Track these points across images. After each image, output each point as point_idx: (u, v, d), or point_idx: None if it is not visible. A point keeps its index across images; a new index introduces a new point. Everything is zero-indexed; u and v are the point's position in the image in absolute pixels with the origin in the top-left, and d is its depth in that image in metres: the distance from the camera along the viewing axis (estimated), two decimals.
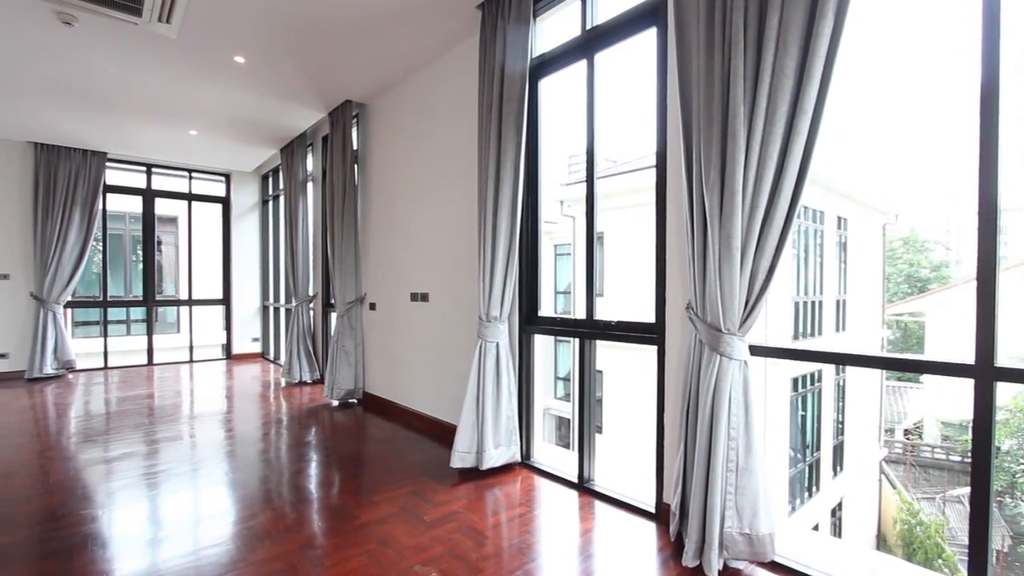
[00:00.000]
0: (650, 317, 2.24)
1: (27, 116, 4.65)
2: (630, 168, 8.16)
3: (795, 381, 7.22)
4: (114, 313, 8.50)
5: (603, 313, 2.48)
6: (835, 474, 8.00)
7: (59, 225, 5.49)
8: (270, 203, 6.94)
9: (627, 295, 7.97)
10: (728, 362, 1.73)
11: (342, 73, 3.69)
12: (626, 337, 2.33)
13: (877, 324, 9.98)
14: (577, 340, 2.55)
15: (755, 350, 1.83)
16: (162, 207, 6.65)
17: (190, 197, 6.76)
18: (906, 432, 13.42)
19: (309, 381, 5.17)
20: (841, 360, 1.81)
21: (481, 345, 2.67)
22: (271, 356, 6.93)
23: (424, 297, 3.58)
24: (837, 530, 8.02)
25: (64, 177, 5.53)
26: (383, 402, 4.11)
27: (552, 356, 10.58)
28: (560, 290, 10.59)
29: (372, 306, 4.28)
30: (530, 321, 2.84)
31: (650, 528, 2.13)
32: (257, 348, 7.16)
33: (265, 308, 7.13)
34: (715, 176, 1.72)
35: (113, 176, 6.09)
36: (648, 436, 6.83)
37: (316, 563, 1.85)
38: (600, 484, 2.50)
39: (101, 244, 6.20)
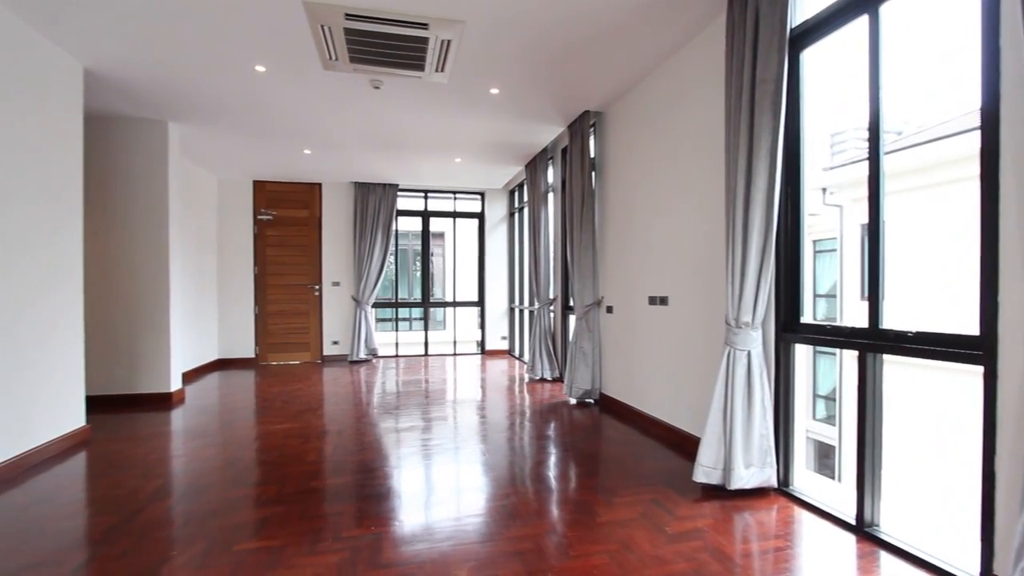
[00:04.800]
0: (967, 327, 1.71)
1: (352, 162, 6.16)
2: (928, 139, 6.47)
3: None
4: (402, 312, 10.58)
5: (887, 320, 2.01)
6: None
7: (368, 244, 7.12)
8: (516, 215, 7.71)
9: (914, 298, 6.34)
10: None
11: (581, 85, 3.86)
12: (931, 352, 1.82)
13: None
14: (855, 353, 2.11)
15: None
16: (434, 224, 8.03)
17: (454, 215, 8.01)
18: None
19: (549, 378, 5.53)
20: None
21: (729, 353, 2.44)
22: (516, 353, 7.67)
23: (663, 301, 3.46)
24: None
25: (372, 207, 7.16)
26: (618, 404, 4.12)
27: (810, 370, 9.08)
28: (821, 293, 9.03)
29: (609, 309, 4.34)
30: (789, 328, 2.48)
31: None
32: (505, 345, 8.01)
33: (511, 310, 7.93)
34: None
35: (401, 202, 7.62)
36: (962, 482, 5.29)
37: (561, 551, 1.94)
38: (888, 532, 2.02)
39: (393, 257, 7.79)
